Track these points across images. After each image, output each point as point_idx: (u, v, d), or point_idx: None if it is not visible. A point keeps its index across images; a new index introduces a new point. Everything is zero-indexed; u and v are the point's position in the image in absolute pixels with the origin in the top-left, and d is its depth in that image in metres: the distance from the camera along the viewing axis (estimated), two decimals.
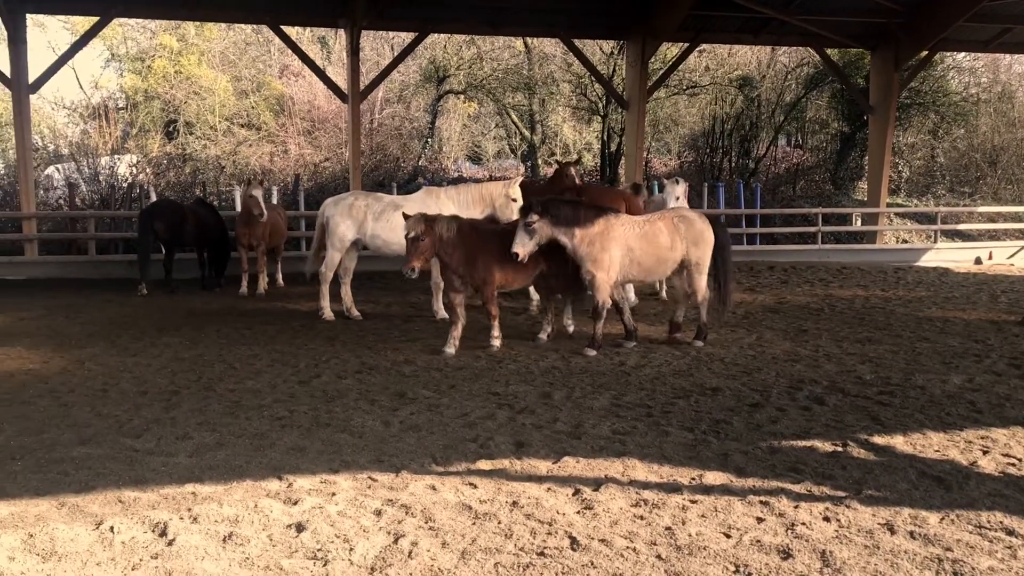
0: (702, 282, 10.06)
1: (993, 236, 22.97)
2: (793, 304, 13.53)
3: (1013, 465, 5.91)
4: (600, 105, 27.43)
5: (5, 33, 16.73)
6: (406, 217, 9.20)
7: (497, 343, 9.83)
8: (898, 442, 6.45)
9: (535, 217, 9.17)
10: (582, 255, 9.40)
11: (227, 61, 29.00)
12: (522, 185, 11.84)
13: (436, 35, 23.94)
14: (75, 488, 5.41)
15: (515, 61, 29.14)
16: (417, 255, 9.06)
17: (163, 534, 4.71)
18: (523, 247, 9.20)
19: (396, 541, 4.64)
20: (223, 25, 28.14)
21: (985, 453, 6.17)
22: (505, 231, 9.80)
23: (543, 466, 5.90)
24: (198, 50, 28.60)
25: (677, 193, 13.27)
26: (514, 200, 11.25)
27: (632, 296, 12.06)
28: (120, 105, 28.56)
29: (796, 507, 5.14)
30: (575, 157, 28.18)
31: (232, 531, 4.75)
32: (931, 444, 6.40)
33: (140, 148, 26.14)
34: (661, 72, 22.00)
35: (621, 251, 9.55)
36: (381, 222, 11.38)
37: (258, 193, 13.82)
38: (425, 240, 9.06)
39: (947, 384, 8.25)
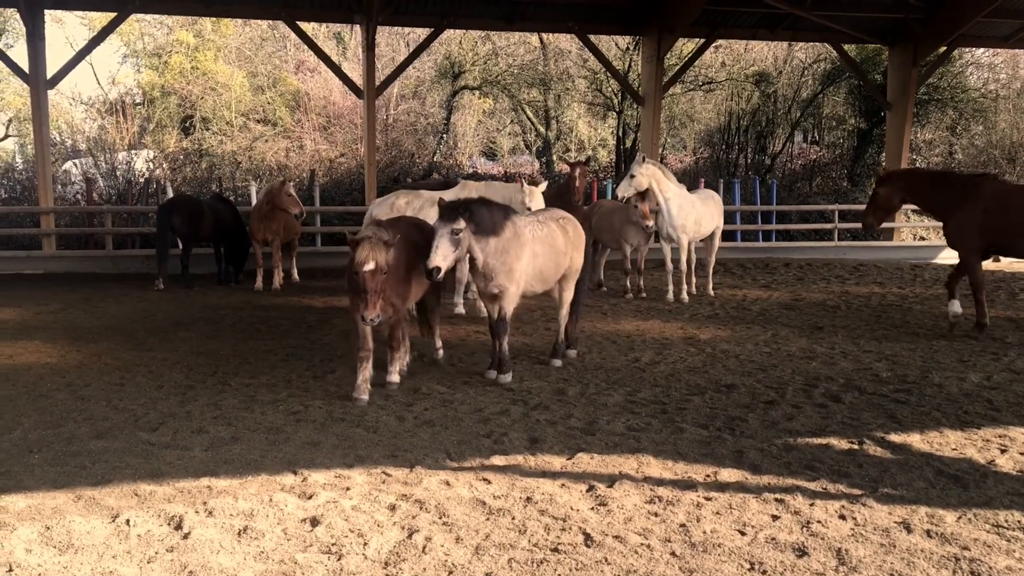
0: (572, 292, 8.93)
1: None
2: (809, 301, 13.45)
3: None
4: (615, 101, 27.36)
5: (24, 29, 16.82)
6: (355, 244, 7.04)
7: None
8: (915, 440, 6.41)
9: (461, 223, 7.37)
10: (493, 267, 7.76)
11: (243, 57, 29.12)
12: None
13: (451, 31, 23.92)
14: (92, 481, 5.45)
15: (530, 57, 29.11)
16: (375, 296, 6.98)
17: (179, 527, 4.73)
18: (444, 259, 7.30)
19: (410, 536, 4.65)
20: (239, 21, 28.25)
21: (1003, 452, 6.12)
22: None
23: (557, 462, 5.90)
24: (214, 46, 28.74)
25: (635, 172, 12.60)
26: (529, 209, 10.24)
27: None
28: (137, 101, 28.73)
29: (812, 505, 5.11)
30: (586, 155, 28.15)
31: (247, 525, 4.76)
32: (948, 442, 6.36)
33: (157, 143, 26.29)
34: (677, 68, 21.93)
35: (529, 259, 8.06)
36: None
37: (294, 191, 14.05)
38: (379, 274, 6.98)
39: (964, 382, 8.19)
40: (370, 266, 6.84)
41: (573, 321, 9.16)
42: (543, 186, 10.98)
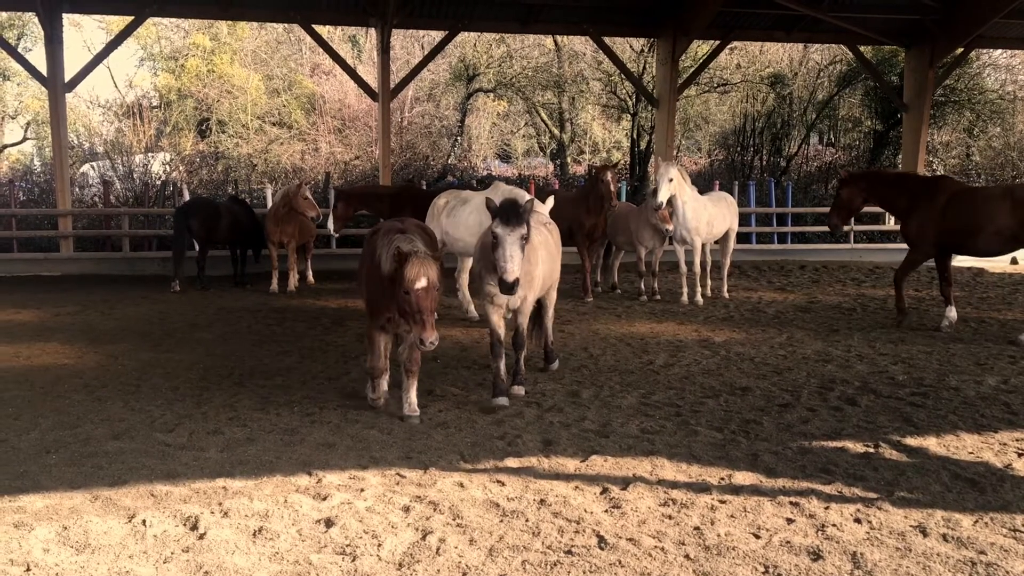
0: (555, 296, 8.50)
1: None
2: (824, 304, 13.40)
3: None
4: (630, 103, 27.32)
5: (42, 33, 16.94)
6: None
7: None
8: (931, 444, 6.37)
9: (525, 228, 6.78)
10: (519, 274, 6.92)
11: (259, 60, 29.26)
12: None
13: (466, 33, 23.96)
14: (108, 481, 5.49)
15: (545, 59, 29.10)
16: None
17: (194, 528, 4.76)
18: (519, 264, 6.73)
19: (424, 537, 4.66)
20: (255, 24, 28.38)
21: (1020, 455, 6.07)
22: None
23: (571, 464, 5.90)
24: (230, 49, 28.89)
25: (671, 175, 12.32)
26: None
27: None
28: (154, 104, 28.93)
29: (827, 508, 5.09)
30: (614, 159, 28.11)
31: (262, 525, 4.79)
32: (965, 446, 6.32)
33: (173, 146, 26.46)
34: (692, 70, 21.89)
35: (537, 264, 7.47)
36: (451, 218, 11.30)
37: (310, 194, 14.18)
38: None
39: (981, 385, 8.14)
40: (422, 283, 6.23)
41: (550, 331, 8.67)
42: (550, 203, 9.88)
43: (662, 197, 12.28)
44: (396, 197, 14.37)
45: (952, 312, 11.07)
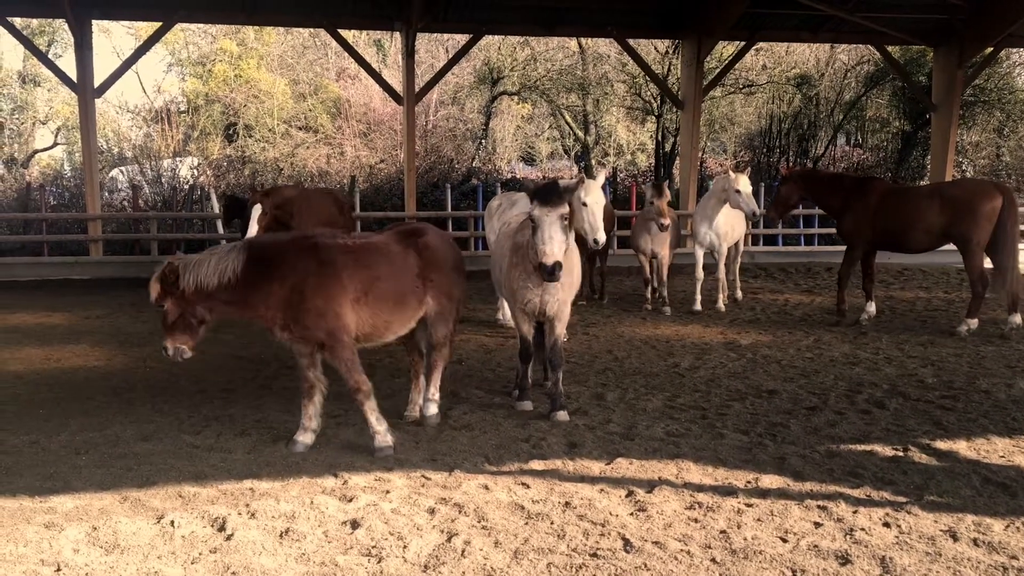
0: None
1: None
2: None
3: None
4: (654, 105, 27.24)
5: (72, 39, 17.16)
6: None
7: (385, 441, 6.23)
8: (961, 447, 6.29)
9: (566, 207, 6.39)
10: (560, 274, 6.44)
11: (285, 65, 29.48)
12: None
13: (490, 37, 24.00)
14: (137, 483, 5.54)
15: (569, 62, 29.08)
16: (169, 330, 5.99)
17: (222, 529, 4.79)
18: (563, 252, 6.32)
19: (449, 540, 4.66)
20: (281, 29, 28.60)
21: None
22: (368, 246, 6.44)
23: (596, 467, 5.88)
24: (257, 54, 29.12)
25: (739, 186, 11.86)
26: (585, 205, 7.87)
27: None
28: (182, 109, 29.21)
29: (855, 512, 5.04)
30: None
31: (289, 527, 4.81)
32: (996, 449, 6.23)
33: (201, 151, 26.70)
34: (717, 71, 21.78)
35: (577, 270, 7.22)
36: (500, 220, 11.04)
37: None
38: (168, 306, 5.92)
39: (1013, 388, 8.02)
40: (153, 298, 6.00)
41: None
42: (601, 177, 8.87)
43: (758, 209, 12.04)
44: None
45: (872, 307, 11.63)
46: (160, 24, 18.16)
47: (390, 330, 6.50)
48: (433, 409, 6.93)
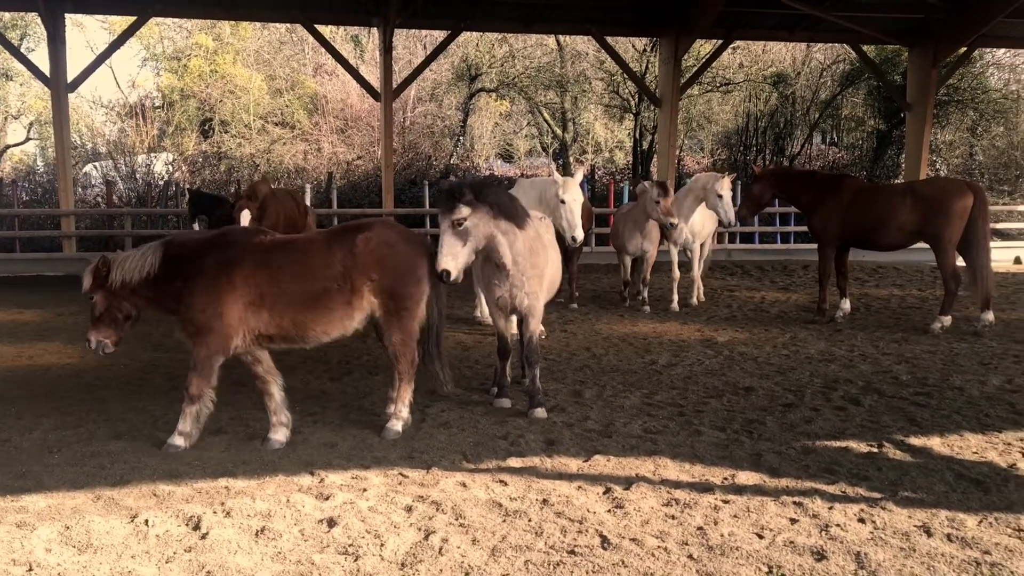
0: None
1: None
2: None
3: None
4: (632, 103, 27.34)
5: (45, 33, 16.96)
6: None
7: (176, 442, 6.14)
8: (935, 443, 6.35)
9: (466, 210, 6.26)
10: (524, 268, 6.73)
11: (261, 60, 29.29)
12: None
13: (468, 33, 23.96)
14: (111, 481, 5.48)
15: (547, 59, 29.13)
16: (95, 323, 6.17)
17: (197, 527, 4.75)
18: (455, 259, 6.22)
19: (427, 537, 4.65)
20: (257, 24, 28.41)
21: None
22: (281, 245, 6.34)
23: (574, 464, 5.88)
24: (233, 49, 28.93)
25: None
26: (563, 202, 8.82)
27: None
28: (156, 104, 28.97)
29: (830, 508, 5.07)
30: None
31: (264, 525, 4.78)
32: (969, 446, 6.29)
33: (176, 146, 26.51)
34: (694, 69, 21.89)
35: (551, 265, 7.19)
36: None
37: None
38: (97, 298, 6.13)
39: (985, 385, 8.11)
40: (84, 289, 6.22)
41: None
42: (580, 175, 9.21)
43: (733, 219, 12.01)
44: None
45: (846, 304, 11.73)
46: (135, 18, 17.99)
47: (310, 331, 6.19)
48: (393, 426, 6.49)
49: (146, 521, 4.81)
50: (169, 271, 6.04)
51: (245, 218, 10.44)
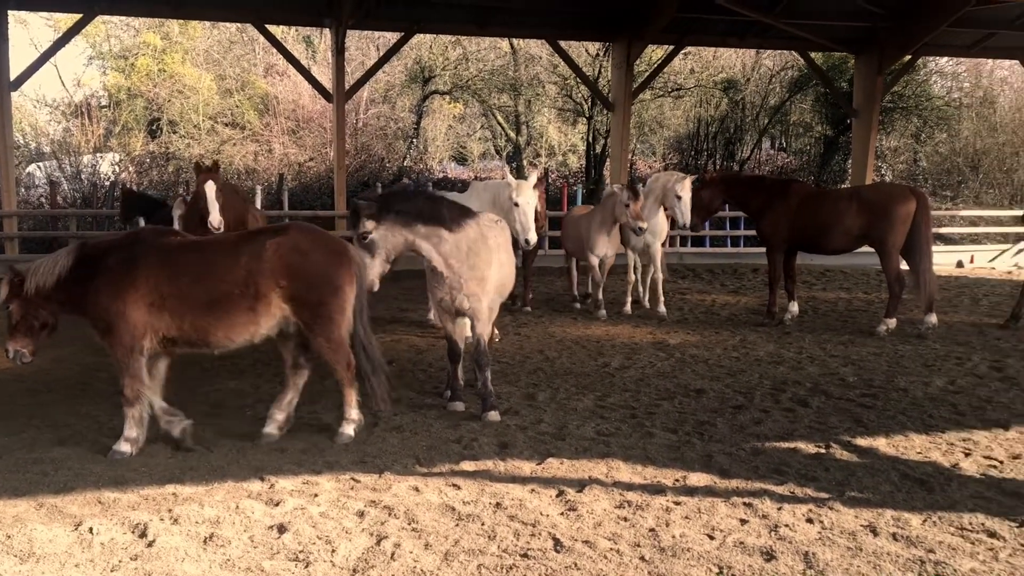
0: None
1: (975, 240, 23.14)
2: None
3: (994, 467, 5.94)
4: (585, 107, 27.47)
5: None
6: None
7: (122, 448, 6.06)
8: (881, 444, 6.47)
9: (370, 224, 6.55)
10: (460, 271, 6.86)
11: (211, 60, 28.87)
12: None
13: (422, 35, 23.88)
14: (54, 489, 5.35)
15: (501, 62, 29.15)
16: (12, 332, 6.15)
17: (143, 535, 4.66)
18: (368, 269, 6.51)
19: (378, 542, 4.61)
20: (207, 23, 27.99)
21: (967, 455, 6.19)
22: (188, 246, 6.27)
23: (527, 467, 5.89)
24: (182, 48, 28.46)
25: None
26: (517, 205, 8.97)
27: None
28: (103, 103, 28.38)
29: (779, 509, 5.14)
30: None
31: (213, 532, 4.70)
32: (913, 446, 6.43)
33: (123, 146, 25.99)
34: (646, 74, 22.03)
35: (496, 268, 7.11)
36: None
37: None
38: (13, 307, 6.11)
39: (929, 387, 8.29)
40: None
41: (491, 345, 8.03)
42: (533, 178, 9.37)
43: (690, 220, 11.90)
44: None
45: (795, 307, 11.90)
46: (80, 16, 17.60)
47: (211, 336, 6.05)
48: (344, 431, 6.44)
49: (91, 529, 4.70)
50: (79, 273, 6.01)
51: (212, 189, 9.78)
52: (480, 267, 6.91)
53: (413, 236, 6.68)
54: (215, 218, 9.20)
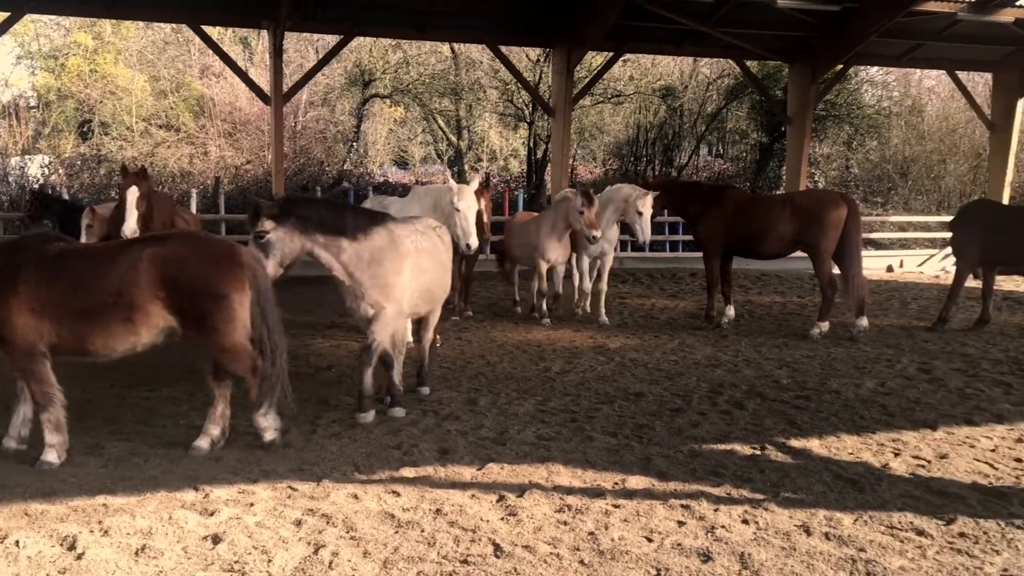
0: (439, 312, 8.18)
1: (904, 245, 23.77)
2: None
3: (923, 467, 6.10)
4: (526, 112, 27.58)
5: None
6: None
7: (49, 457, 5.94)
8: (814, 445, 6.60)
9: (269, 224, 6.53)
10: (361, 280, 6.84)
11: (145, 60, 28.31)
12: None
13: (362, 38, 23.71)
14: None
15: (442, 66, 29.10)
16: None
17: (72, 548, 4.54)
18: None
19: (316, 551, 4.56)
20: (141, 23, 27.43)
21: (896, 455, 6.35)
22: (69, 253, 6.09)
23: (467, 473, 5.87)
24: (115, 48, 27.87)
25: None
26: (458, 210, 9.03)
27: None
28: (31, 104, 27.63)
29: (716, 510, 5.21)
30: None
31: (145, 544, 4.60)
32: (845, 447, 6.57)
33: (52, 148, 25.34)
34: (586, 80, 22.18)
35: (414, 274, 7.12)
36: None
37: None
38: None
39: (860, 388, 8.48)
40: None
41: (434, 349, 8.32)
42: (475, 183, 9.58)
43: (647, 236, 11.71)
44: None
45: (731, 310, 12.18)
46: (8, 14, 17.09)
47: (89, 344, 5.93)
48: (200, 444, 6.26)
49: (16, 542, 4.56)
50: None
51: (133, 195, 9.38)
52: (383, 275, 6.86)
53: (311, 244, 6.68)
54: (128, 227, 8.95)
